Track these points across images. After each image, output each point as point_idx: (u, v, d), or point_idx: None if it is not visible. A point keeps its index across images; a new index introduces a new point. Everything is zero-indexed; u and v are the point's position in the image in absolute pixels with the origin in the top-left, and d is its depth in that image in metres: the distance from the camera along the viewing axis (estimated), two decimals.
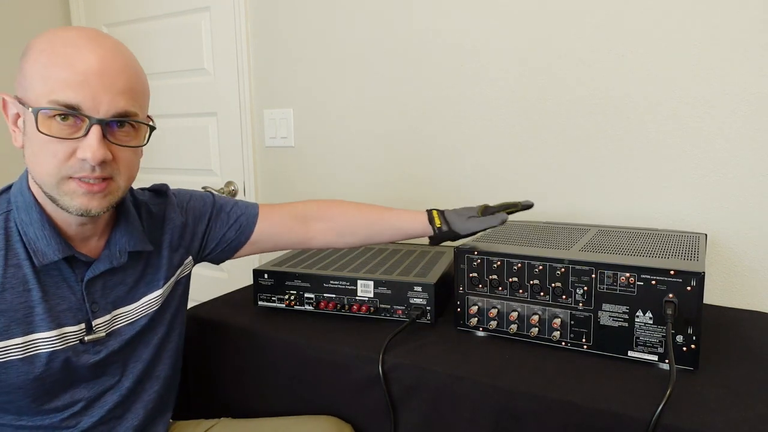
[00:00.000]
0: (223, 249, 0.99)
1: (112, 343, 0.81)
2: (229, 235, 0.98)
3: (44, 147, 0.69)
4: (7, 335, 0.70)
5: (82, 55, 0.68)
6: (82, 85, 0.68)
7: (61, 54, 0.68)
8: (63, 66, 0.67)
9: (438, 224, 0.99)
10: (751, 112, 1.12)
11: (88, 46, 0.69)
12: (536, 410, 0.78)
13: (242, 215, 0.99)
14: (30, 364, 0.72)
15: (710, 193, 1.18)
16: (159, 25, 1.98)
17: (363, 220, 1.02)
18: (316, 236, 1.02)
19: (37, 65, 0.68)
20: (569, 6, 1.28)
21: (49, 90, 0.67)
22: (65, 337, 0.75)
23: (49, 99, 0.67)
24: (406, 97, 1.53)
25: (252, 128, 1.84)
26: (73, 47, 0.68)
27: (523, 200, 1.01)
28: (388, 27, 1.53)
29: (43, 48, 0.69)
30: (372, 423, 0.94)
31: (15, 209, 0.73)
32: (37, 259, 0.72)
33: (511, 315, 0.95)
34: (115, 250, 0.80)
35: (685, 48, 1.17)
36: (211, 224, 0.98)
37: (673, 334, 0.82)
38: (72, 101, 0.68)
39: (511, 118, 1.38)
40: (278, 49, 1.74)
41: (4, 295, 0.70)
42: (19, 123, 0.72)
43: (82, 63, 0.68)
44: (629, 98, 1.24)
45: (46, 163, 0.69)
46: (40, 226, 0.73)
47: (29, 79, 0.69)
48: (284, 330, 1.04)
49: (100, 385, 0.81)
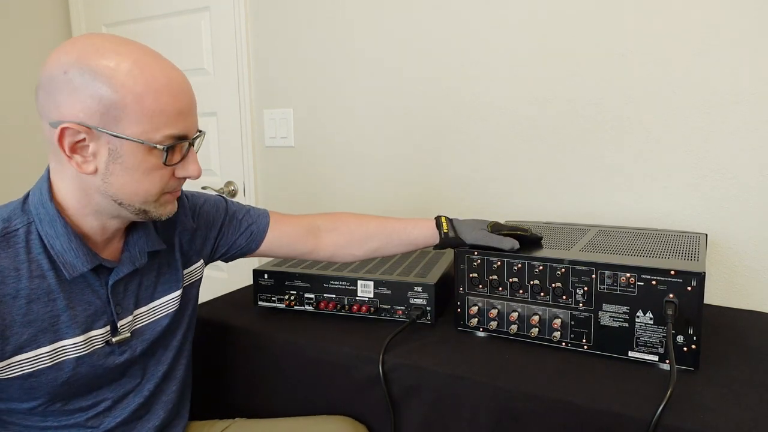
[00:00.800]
0: (233, 254, 1.02)
1: (135, 343, 0.82)
2: (240, 242, 1.00)
3: (151, 174, 0.72)
4: (36, 345, 0.71)
5: (178, 85, 0.71)
6: (187, 115, 0.73)
7: (163, 85, 0.69)
8: (170, 100, 0.70)
9: (445, 230, 1.00)
10: (751, 112, 1.12)
11: (174, 71, 0.72)
12: (536, 410, 0.78)
13: (253, 224, 1.00)
14: (58, 370, 0.73)
15: (710, 193, 1.18)
16: (159, 25, 1.98)
17: (371, 231, 1.03)
18: (325, 248, 1.03)
19: (133, 96, 0.67)
20: (569, 6, 1.28)
21: (161, 124, 0.70)
22: (92, 340, 0.76)
23: (165, 134, 0.70)
24: (406, 96, 1.53)
25: (252, 128, 1.84)
26: (165, 77, 0.70)
27: (533, 231, 1.02)
28: (387, 27, 1.53)
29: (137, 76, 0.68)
30: (372, 423, 0.95)
31: (38, 222, 0.73)
32: (67, 271, 0.72)
33: (512, 315, 0.95)
34: (135, 252, 0.81)
35: (686, 48, 1.17)
36: (223, 230, 0.99)
37: (674, 334, 0.82)
38: (183, 132, 0.73)
39: (512, 118, 1.38)
40: (278, 49, 1.74)
41: (30, 306, 0.71)
42: (91, 151, 0.69)
43: (183, 94, 0.72)
44: (629, 98, 1.24)
45: (151, 187, 0.73)
46: (67, 239, 0.73)
47: (124, 110, 0.67)
48: (284, 330, 1.04)
49: (123, 387, 0.82)
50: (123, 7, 2.06)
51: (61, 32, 2.23)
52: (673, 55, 1.18)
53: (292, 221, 1.03)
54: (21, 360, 0.70)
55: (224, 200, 1.02)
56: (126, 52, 0.69)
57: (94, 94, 0.67)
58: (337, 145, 1.68)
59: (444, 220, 1.01)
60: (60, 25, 2.23)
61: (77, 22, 2.21)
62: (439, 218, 1.02)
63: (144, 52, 0.70)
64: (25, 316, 0.70)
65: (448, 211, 1.50)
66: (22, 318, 0.70)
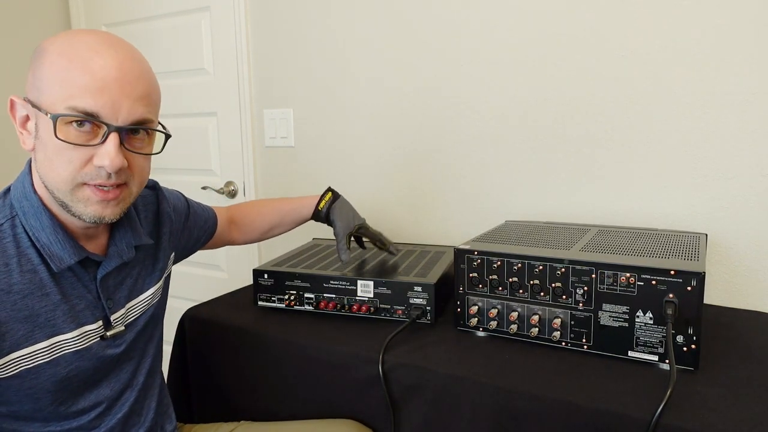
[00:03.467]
0: (191, 247, 1.07)
1: (129, 335, 0.83)
2: (198, 234, 1.06)
3: (60, 153, 0.68)
4: (33, 340, 0.70)
5: (102, 60, 0.67)
6: (102, 92, 0.67)
7: (80, 58, 0.67)
8: (82, 71, 0.66)
9: (320, 207, 1.16)
10: (751, 112, 1.12)
11: (108, 51, 0.68)
12: (536, 410, 0.78)
13: (207, 217, 1.10)
14: (56, 366, 0.73)
15: (710, 193, 1.18)
16: (159, 25, 1.98)
17: (263, 217, 1.19)
18: (238, 238, 1.20)
19: (53, 68, 0.67)
20: (569, 6, 1.28)
21: (67, 95, 0.66)
22: (86, 335, 0.76)
23: (68, 105, 0.66)
24: (406, 96, 1.53)
25: (252, 128, 1.84)
26: (93, 52, 0.67)
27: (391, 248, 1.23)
28: (387, 26, 1.53)
29: (61, 51, 0.67)
30: (372, 423, 0.94)
31: (21, 214, 0.72)
32: (54, 264, 0.72)
33: (511, 315, 0.95)
34: (122, 246, 0.81)
35: (686, 48, 1.17)
36: (188, 222, 1.03)
37: (674, 334, 0.82)
38: (91, 108, 0.67)
39: (511, 118, 1.38)
40: (278, 49, 1.74)
41: (25, 301, 0.70)
42: (29, 126, 0.71)
43: (102, 69, 0.67)
44: (629, 98, 1.24)
45: (62, 170, 0.69)
46: (52, 231, 0.72)
47: (44, 82, 0.68)
48: (284, 330, 1.04)
49: (119, 382, 0.83)
50: (123, 7, 2.06)
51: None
52: (673, 55, 1.18)
53: (222, 213, 1.15)
54: (19, 357, 0.69)
55: (181, 193, 1.05)
56: (79, 34, 0.69)
57: (34, 68, 0.69)
58: (337, 145, 1.68)
59: (328, 196, 1.16)
60: (60, 25, 2.23)
61: (77, 22, 2.21)
62: (326, 192, 1.17)
63: (95, 37, 0.69)
64: (20, 312, 0.69)
65: (448, 211, 1.50)
66: (17, 314, 0.69)
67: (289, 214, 1.19)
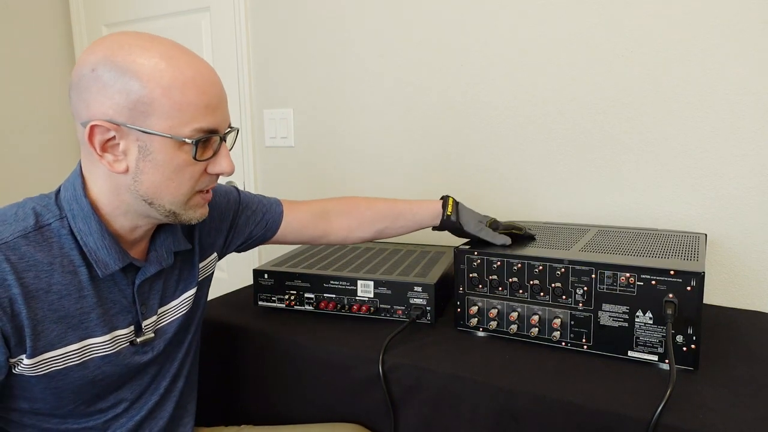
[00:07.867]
0: (249, 244, 1.03)
1: (158, 342, 0.82)
2: (256, 232, 1.01)
3: (182, 171, 0.71)
4: (65, 342, 0.70)
5: (207, 78, 0.70)
6: (216, 109, 0.71)
7: (186, 77, 0.67)
8: (197, 92, 0.68)
9: (449, 212, 1.03)
10: (751, 112, 1.12)
11: (202, 64, 0.70)
12: (536, 410, 0.78)
13: (267, 213, 1.01)
14: (84, 369, 0.73)
15: (710, 193, 1.18)
16: (159, 25, 1.98)
17: (379, 212, 1.06)
18: (338, 231, 1.06)
19: (161, 91, 0.66)
20: (569, 7, 1.28)
21: (189, 117, 0.68)
22: (116, 340, 0.76)
23: (194, 128, 0.69)
24: (406, 96, 1.53)
25: (252, 128, 1.85)
26: (191, 68, 0.68)
27: (528, 229, 1.08)
28: (388, 26, 1.53)
29: (162, 70, 0.66)
30: (372, 423, 0.95)
31: (71, 217, 0.72)
32: (100, 270, 0.72)
33: (511, 315, 0.95)
34: (161, 252, 0.81)
35: (686, 48, 1.17)
36: (236, 221, 0.99)
37: (673, 334, 0.82)
38: (213, 126, 0.71)
39: (510, 119, 1.38)
40: (278, 49, 1.74)
41: (62, 302, 0.70)
42: (120, 149, 0.69)
43: (211, 86, 0.70)
44: (629, 99, 1.24)
45: (184, 186, 0.72)
46: (100, 237, 0.72)
47: (153, 106, 0.66)
48: (284, 330, 1.04)
49: (141, 386, 0.82)
50: (123, 7, 2.06)
51: (61, 32, 2.23)
52: (673, 55, 1.18)
53: (303, 207, 1.05)
54: (51, 357, 0.69)
55: (236, 190, 1.02)
56: (152, 47, 0.68)
57: (122, 89, 0.66)
58: (337, 145, 1.68)
59: (451, 201, 1.05)
60: (60, 25, 2.23)
61: (77, 22, 2.21)
62: (446, 199, 1.05)
63: (170, 46, 0.69)
64: (56, 312, 0.69)
65: None
66: (53, 314, 0.69)
67: (402, 215, 1.05)
